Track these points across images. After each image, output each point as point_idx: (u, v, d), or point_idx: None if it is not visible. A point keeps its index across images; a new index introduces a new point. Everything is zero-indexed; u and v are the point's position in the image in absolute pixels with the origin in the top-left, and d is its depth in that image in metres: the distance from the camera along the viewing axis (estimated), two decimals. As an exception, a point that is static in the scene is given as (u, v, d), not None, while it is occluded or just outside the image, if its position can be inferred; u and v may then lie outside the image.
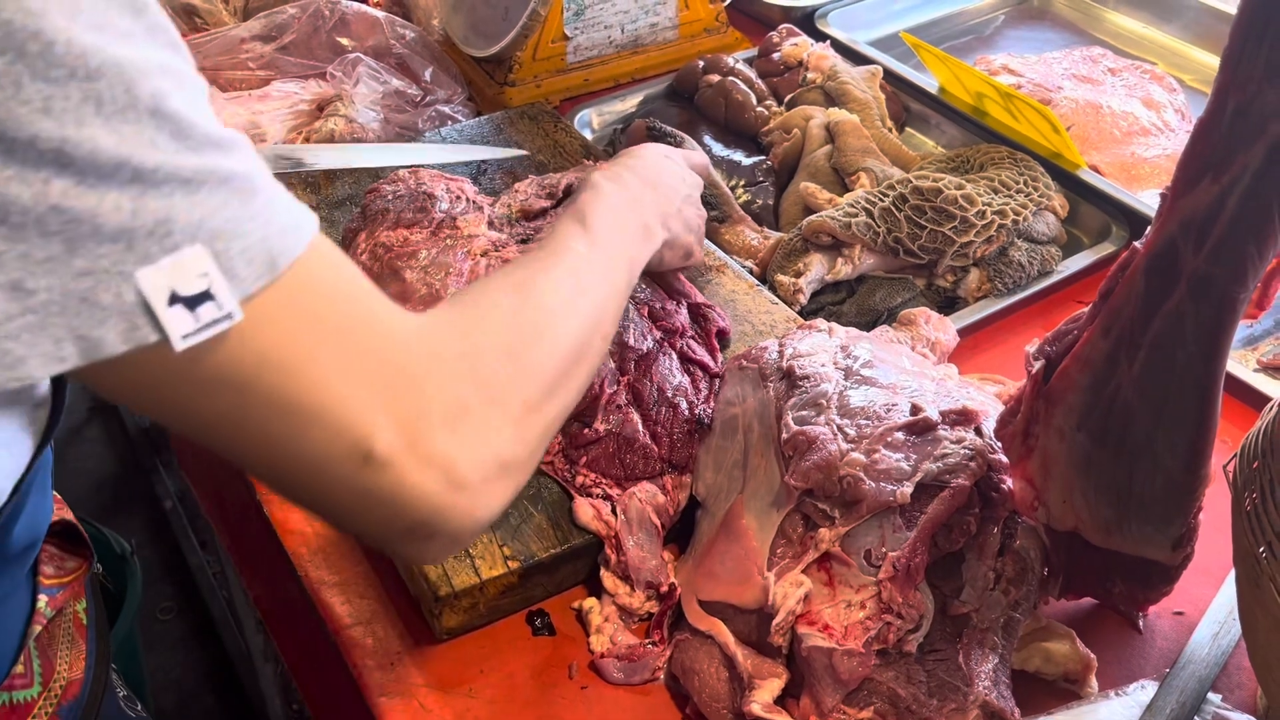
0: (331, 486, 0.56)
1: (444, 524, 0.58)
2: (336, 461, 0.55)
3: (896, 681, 0.75)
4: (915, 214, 1.12)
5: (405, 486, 0.56)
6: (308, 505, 0.60)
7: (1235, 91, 0.61)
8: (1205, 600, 0.85)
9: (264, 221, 0.50)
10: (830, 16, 1.57)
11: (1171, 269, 0.66)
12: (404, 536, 0.59)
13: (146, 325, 0.47)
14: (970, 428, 0.82)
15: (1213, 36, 1.58)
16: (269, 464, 0.56)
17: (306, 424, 0.53)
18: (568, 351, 0.68)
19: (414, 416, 0.56)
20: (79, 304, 0.46)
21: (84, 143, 0.44)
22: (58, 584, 0.79)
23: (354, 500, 0.57)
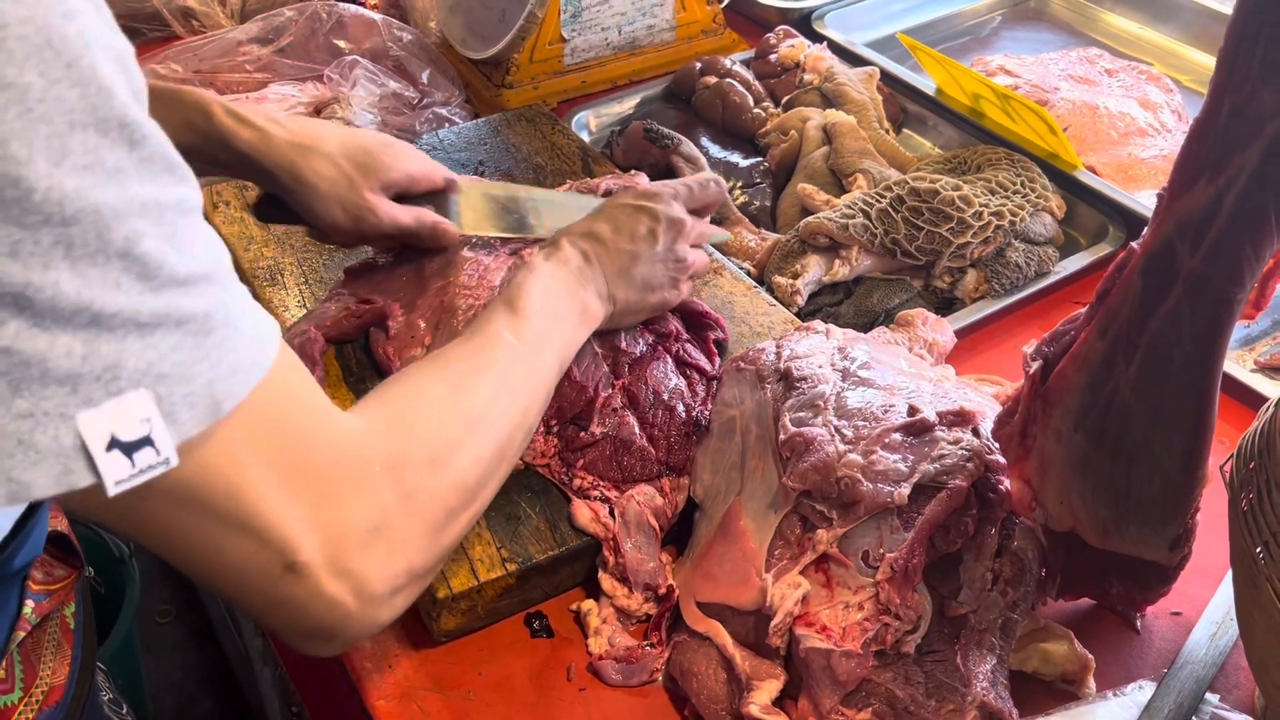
0: (248, 590, 0.58)
1: (344, 630, 0.61)
2: (258, 570, 0.56)
3: (894, 683, 0.75)
4: (912, 215, 1.12)
5: (317, 597, 0.58)
6: (219, 595, 0.62)
7: (1231, 92, 0.61)
8: (1202, 601, 0.85)
9: (213, 363, 0.50)
10: (827, 18, 1.57)
11: (1168, 270, 0.66)
12: (304, 636, 0.62)
13: (81, 469, 0.46)
14: (967, 429, 0.82)
15: (1209, 37, 1.59)
16: (190, 565, 0.57)
17: (235, 536, 0.55)
18: (491, 456, 0.69)
19: (338, 531, 0.58)
20: (14, 446, 0.45)
21: (47, 287, 0.44)
22: (45, 590, 0.79)
23: (266, 603, 0.58)
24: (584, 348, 0.92)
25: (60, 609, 0.82)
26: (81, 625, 0.85)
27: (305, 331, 0.97)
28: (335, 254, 1.12)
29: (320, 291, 1.07)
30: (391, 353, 0.97)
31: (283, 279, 1.09)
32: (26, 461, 0.45)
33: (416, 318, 0.98)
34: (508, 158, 1.27)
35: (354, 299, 1.01)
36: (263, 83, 1.41)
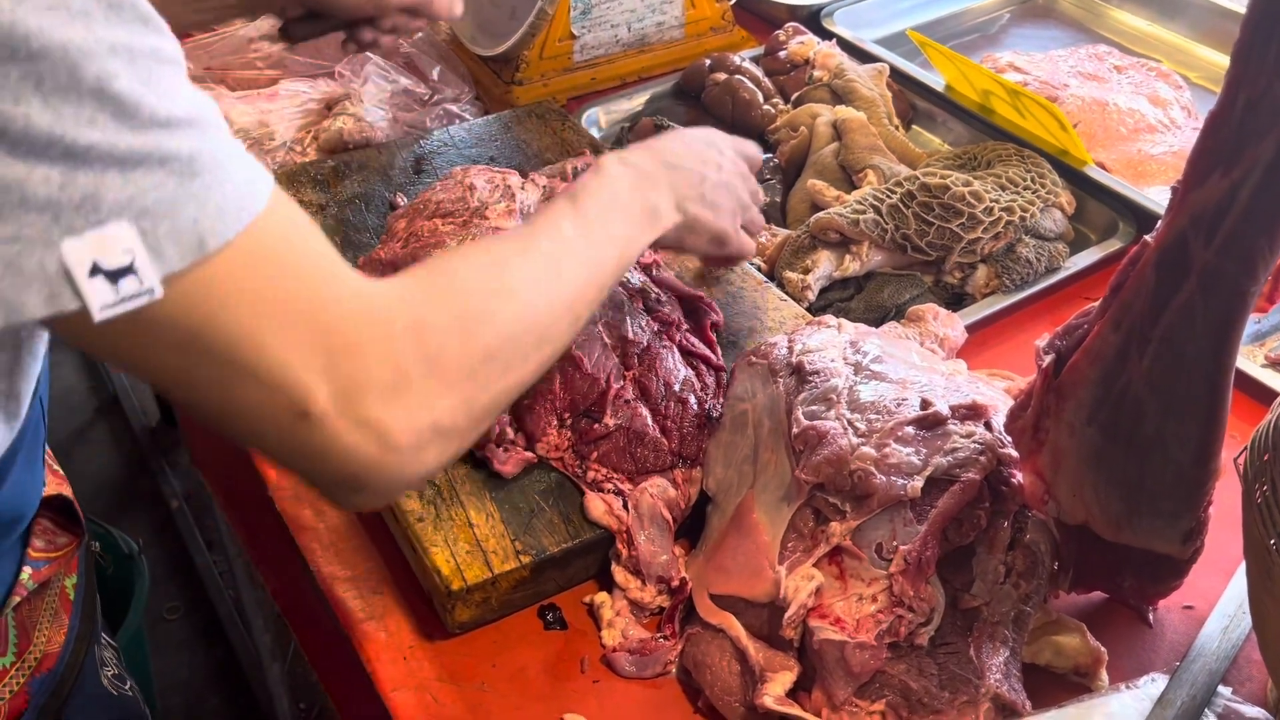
0: (266, 437, 0.59)
1: (373, 481, 0.61)
2: (272, 417, 0.57)
3: (908, 674, 0.75)
4: (923, 210, 1.12)
5: (337, 445, 0.58)
6: (244, 446, 0.63)
7: (1246, 86, 0.61)
8: (1215, 594, 0.85)
9: (200, 203, 0.52)
10: (836, 15, 1.58)
11: (1182, 263, 0.66)
12: (333, 486, 0.62)
13: (67, 294, 0.49)
14: (980, 422, 0.82)
15: (1218, 33, 1.58)
16: (207, 412, 0.59)
17: (244, 382, 0.56)
18: (526, 333, 0.68)
19: (352, 382, 0.58)
20: (3, 268, 0.48)
21: (18, 119, 0.46)
22: (45, 558, 0.80)
23: (287, 450, 0.59)
24: (593, 339, 0.92)
25: (60, 578, 0.82)
26: (82, 598, 0.86)
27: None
28: (347, 250, 1.13)
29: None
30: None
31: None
32: (17, 284, 0.48)
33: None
34: (518, 154, 1.27)
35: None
36: (274, 80, 1.41)
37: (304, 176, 1.21)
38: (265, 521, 1.02)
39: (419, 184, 1.22)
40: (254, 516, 1.14)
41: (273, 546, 1.05)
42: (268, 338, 0.55)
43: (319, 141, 1.30)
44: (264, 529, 1.07)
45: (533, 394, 0.91)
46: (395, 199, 1.20)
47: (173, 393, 0.58)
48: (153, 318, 0.52)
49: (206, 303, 0.53)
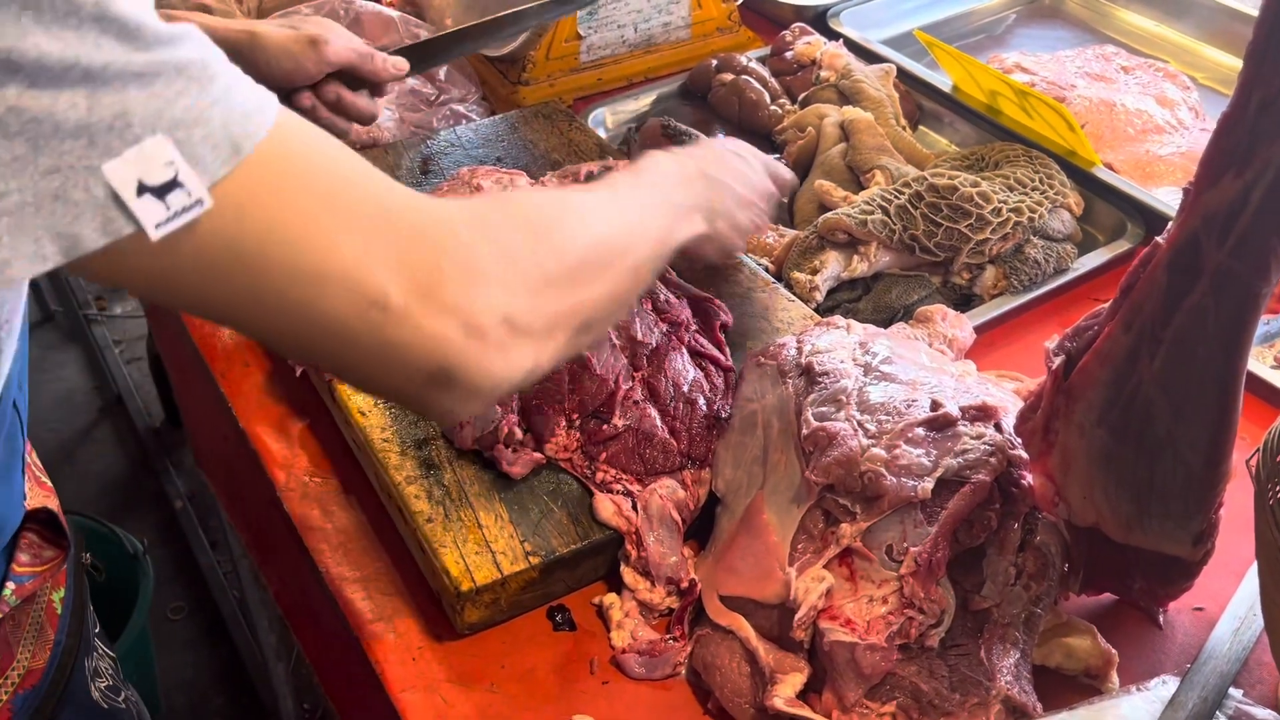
0: (351, 345, 0.57)
1: (461, 371, 0.60)
2: (353, 319, 0.56)
3: (919, 676, 0.75)
4: (931, 211, 1.12)
5: (422, 334, 0.58)
6: (330, 367, 0.62)
7: (1259, 86, 0.61)
8: (1225, 596, 0.85)
9: (224, 107, 0.51)
10: (843, 15, 1.57)
11: (1194, 264, 0.66)
12: (425, 388, 0.60)
13: (120, 217, 0.49)
14: (990, 423, 0.82)
15: (1225, 34, 1.58)
16: (287, 333, 0.57)
17: (319, 288, 0.55)
18: (592, 245, 0.68)
19: (426, 269, 0.57)
20: (52, 202, 0.47)
21: (29, 50, 0.46)
22: (30, 572, 0.79)
23: (374, 356, 0.58)
24: (602, 340, 0.92)
25: (45, 592, 0.81)
26: (70, 611, 0.84)
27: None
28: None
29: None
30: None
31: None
32: (68, 216, 0.48)
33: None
34: (525, 154, 1.27)
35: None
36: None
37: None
38: (270, 522, 1.02)
39: (426, 184, 1.22)
40: (257, 518, 1.14)
41: (277, 548, 1.05)
42: (330, 235, 0.55)
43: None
44: (268, 530, 1.07)
45: (541, 394, 0.91)
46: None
47: (242, 318, 0.57)
48: (209, 232, 0.51)
49: (258, 207, 0.53)
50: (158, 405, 2.68)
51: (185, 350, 1.18)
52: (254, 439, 1.01)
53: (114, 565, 1.90)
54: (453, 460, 0.91)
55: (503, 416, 0.90)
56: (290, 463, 0.99)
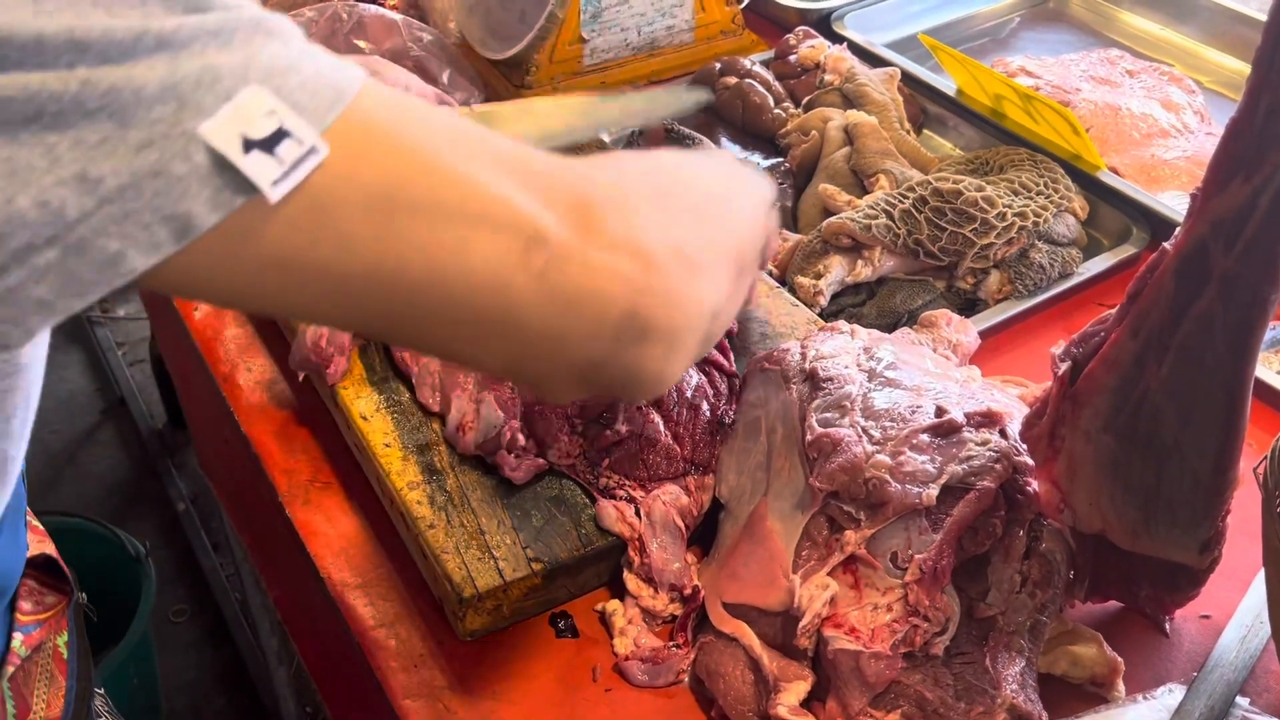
0: (517, 308, 0.50)
1: (650, 311, 0.53)
2: (513, 266, 0.49)
3: (923, 684, 0.74)
4: (935, 216, 1.12)
5: (594, 273, 0.51)
6: (498, 353, 0.53)
7: (1268, 91, 0.61)
8: (1232, 604, 0.84)
9: (312, 58, 0.46)
10: (847, 19, 1.57)
11: (1201, 270, 0.66)
12: (615, 345, 0.53)
13: (231, 183, 0.43)
14: (995, 430, 0.82)
15: (1230, 38, 1.58)
16: (442, 306, 0.49)
17: (466, 231, 0.48)
18: (707, 189, 0.63)
19: (577, 201, 0.51)
20: (152, 180, 0.42)
21: (93, 28, 0.41)
22: (35, 620, 0.77)
23: (549, 314, 0.51)
24: None
25: (52, 638, 0.80)
26: (76, 654, 0.83)
27: (332, 327, 0.98)
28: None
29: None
30: (409, 356, 0.98)
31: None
32: (174, 194, 0.42)
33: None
34: (528, 158, 1.27)
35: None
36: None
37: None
38: (271, 527, 1.02)
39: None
40: (259, 522, 1.14)
41: (278, 552, 1.05)
42: (464, 171, 0.48)
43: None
44: (269, 534, 1.07)
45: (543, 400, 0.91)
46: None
47: (384, 292, 0.48)
48: (331, 183, 0.45)
49: (379, 151, 0.46)
50: (160, 407, 2.68)
51: (187, 353, 1.17)
52: (256, 443, 1.01)
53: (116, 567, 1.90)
54: (455, 466, 0.91)
55: (505, 422, 0.90)
56: (292, 467, 0.98)
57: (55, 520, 1.93)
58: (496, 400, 0.90)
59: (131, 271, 0.42)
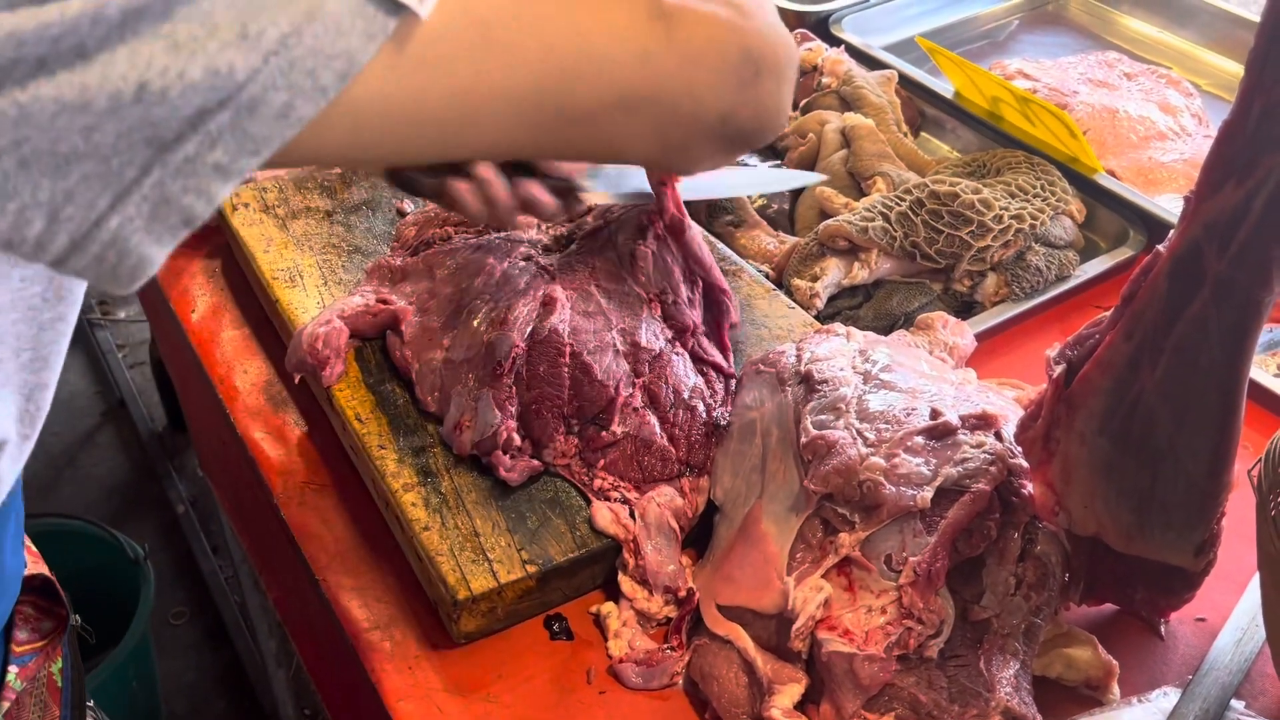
0: (662, 73, 0.55)
1: (759, 49, 0.58)
2: (648, 36, 0.54)
3: (917, 687, 0.74)
4: (932, 218, 1.12)
5: (706, 24, 0.56)
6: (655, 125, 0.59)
7: (1261, 95, 0.61)
8: (1228, 606, 0.84)
9: None
10: (845, 21, 1.57)
11: (1195, 273, 0.66)
12: (740, 85, 0.59)
13: (381, 10, 0.44)
14: (990, 432, 0.82)
15: (1228, 40, 1.58)
16: (596, 91, 0.55)
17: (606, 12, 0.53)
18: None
19: None
20: (309, 24, 0.43)
21: None
22: (30, 650, 0.75)
23: (684, 73, 0.56)
24: (605, 346, 0.92)
25: (46, 667, 0.78)
26: (70, 681, 0.81)
27: (329, 321, 0.98)
28: (354, 255, 1.12)
29: (339, 293, 1.07)
30: (410, 355, 0.98)
31: (302, 281, 1.09)
32: (331, 33, 0.44)
33: (431, 320, 0.98)
34: (526, 160, 1.27)
35: (374, 296, 1.01)
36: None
37: (311, 183, 1.21)
38: (268, 529, 1.02)
39: (426, 190, 1.22)
40: (257, 524, 1.14)
41: (275, 554, 1.05)
42: None
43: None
44: (267, 536, 1.07)
45: (540, 399, 0.91)
46: (402, 205, 1.19)
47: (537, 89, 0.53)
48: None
49: None
50: (161, 410, 2.68)
51: (185, 355, 1.17)
52: (252, 445, 1.01)
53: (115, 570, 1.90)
54: (450, 467, 0.91)
55: (502, 421, 0.90)
56: (288, 469, 0.98)
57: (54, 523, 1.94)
58: (494, 399, 0.90)
59: (301, 120, 0.44)
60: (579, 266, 1.00)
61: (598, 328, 0.94)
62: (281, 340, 1.08)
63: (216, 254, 1.22)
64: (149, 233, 0.43)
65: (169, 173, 0.42)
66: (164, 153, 0.42)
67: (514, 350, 0.91)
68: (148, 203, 0.42)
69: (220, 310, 1.15)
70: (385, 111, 0.48)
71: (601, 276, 0.99)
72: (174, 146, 0.42)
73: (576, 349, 0.92)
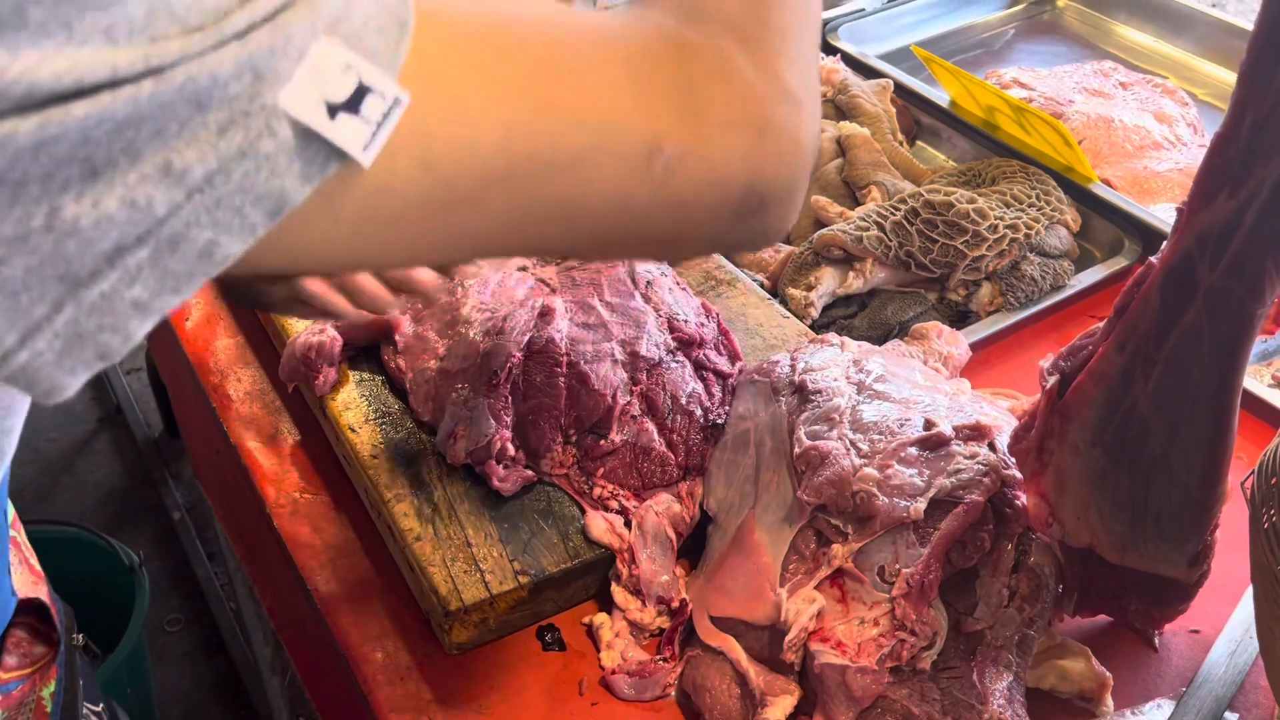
0: (645, 218, 0.49)
1: (768, 183, 0.51)
2: (637, 184, 0.48)
3: (910, 699, 0.74)
4: (927, 228, 1.12)
5: (712, 165, 0.49)
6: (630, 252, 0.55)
7: (1253, 106, 0.61)
8: (1222, 618, 0.84)
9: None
10: (840, 30, 1.57)
11: (1188, 284, 0.66)
12: (736, 217, 0.52)
13: (320, 152, 0.40)
14: (984, 443, 0.82)
15: (1223, 50, 1.58)
16: (566, 227, 0.48)
17: (591, 166, 0.46)
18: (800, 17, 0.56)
19: (686, 84, 0.49)
20: (240, 161, 0.39)
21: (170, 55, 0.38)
22: (18, 677, 0.73)
23: (670, 217, 0.50)
24: (603, 356, 0.92)
25: (36, 692, 0.75)
26: (60, 706, 0.78)
27: (323, 330, 0.98)
28: (348, 264, 1.12)
29: (333, 302, 1.07)
30: (404, 365, 0.97)
31: (296, 289, 1.09)
32: (264, 173, 0.40)
33: (425, 329, 0.98)
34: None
35: (367, 308, 1.01)
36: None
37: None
38: (261, 538, 1.02)
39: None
40: (250, 532, 1.14)
41: (269, 563, 1.05)
42: (571, 86, 0.46)
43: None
44: (260, 545, 1.06)
45: (537, 410, 0.91)
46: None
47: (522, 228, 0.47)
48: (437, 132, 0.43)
49: (452, 82, 0.43)
50: (157, 416, 2.67)
51: (179, 363, 1.17)
52: (244, 454, 1.01)
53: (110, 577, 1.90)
54: (443, 477, 0.90)
55: (496, 431, 0.89)
56: (281, 478, 0.98)
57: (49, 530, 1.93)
58: (489, 409, 0.90)
59: (226, 258, 0.41)
60: (581, 280, 1.01)
61: (597, 339, 0.94)
62: (275, 349, 1.08)
63: (211, 262, 1.21)
64: (59, 367, 0.40)
65: (83, 310, 0.39)
66: (78, 289, 0.39)
67: (510, 360, 0.91)
68: (60, 339, 0.40)
69: (214, 319, 1.15)
70: (325, 252, 0.44)
71: (606, 291, 0.99)
72: (89, 283, 0.39)
73: (574, 359, 0.92)
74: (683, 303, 1.00)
